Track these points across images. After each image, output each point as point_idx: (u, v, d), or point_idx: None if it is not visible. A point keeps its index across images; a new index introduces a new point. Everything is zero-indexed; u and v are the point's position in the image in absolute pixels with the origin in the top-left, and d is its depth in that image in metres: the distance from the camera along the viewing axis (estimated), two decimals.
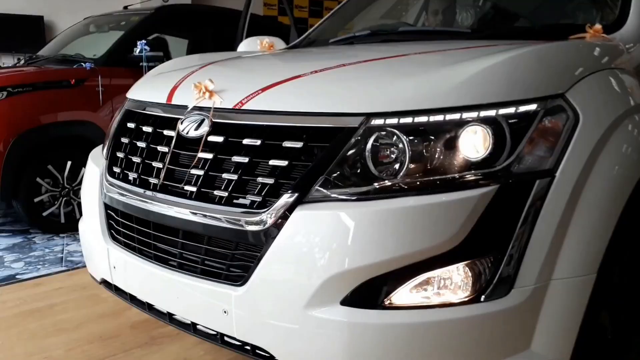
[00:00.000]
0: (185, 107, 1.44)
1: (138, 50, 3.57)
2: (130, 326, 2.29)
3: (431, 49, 1.58)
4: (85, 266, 3.04)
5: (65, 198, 3.59)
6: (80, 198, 3.61)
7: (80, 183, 3.60)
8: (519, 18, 2.19)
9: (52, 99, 3.39)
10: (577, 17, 2.06)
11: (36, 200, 3.47)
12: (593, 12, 2.07)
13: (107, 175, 1.63)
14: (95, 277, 1.75)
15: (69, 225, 3.60)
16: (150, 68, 3.63)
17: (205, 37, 4.39)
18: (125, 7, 4.64)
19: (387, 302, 1.14)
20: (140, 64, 3.66)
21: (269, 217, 1.22)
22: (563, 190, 1.17)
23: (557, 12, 2.10)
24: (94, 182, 1.70)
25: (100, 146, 1.87)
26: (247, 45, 2.50)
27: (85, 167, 3.66)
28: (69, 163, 3.53)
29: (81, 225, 1.83)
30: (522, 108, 1.18)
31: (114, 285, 1.62)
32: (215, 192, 1.32)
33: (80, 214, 3.65)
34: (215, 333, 1.34)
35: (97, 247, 1.65)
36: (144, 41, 3.56)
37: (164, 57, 3.78)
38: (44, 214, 3.53)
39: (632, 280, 1.62)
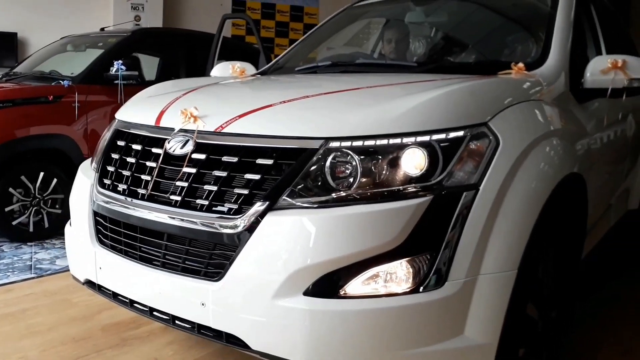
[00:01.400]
0: (172, 129, 1.65)
1: (114, 70, 3.74)
2: (101, 329, 2.42)
3: (380, 82, 1.84)
4: (54, 273, 3.18)
5: (35, 208, 3.69)
6: (50, 208, 3.74)
7: (51, 193, 3.73)
8: (459, 54, 2.51)
9: (30, 114, 3.54)
10: (512, 54, 2.38)
11: (7, 209, 3.57)
12: (524, 50, 2.39)
13: (98, 186, 1.81)
14: (78, 279, 1.91)
15: (37, 234, 3.72)
16: (125, 86, 3.82)
17: (177, 57, 4.60)
18: (102, 29, 4.80)
19: (342, 293, 1.36)
20: (115, 82, 3.84)
21: (243, 222, 1.43)
22: (486, 201, 1.41)
23: (493, 49, 2.43)
24: (84, 191, 1.87)
25: (89, 160, 2.05)
26: (220, 70, 2.72)
27: (56, 177, 3.78)
28: (41, 174, 3.65)
29: (68, 230, 1.99)
30: (452, 134, 1.44)
31: (98, 285, 1.79)
32: (197, 201, 1.53)
33: (49, 224, 3.77)
34: (193, 324, 1.53)
35: (84, 250, 1.81)
36: (120, 61, 3.74)
37: (139, 76, 3.98)
38: (13, 222, 3.62)
39: (558, 278, 1.89)
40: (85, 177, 1.94)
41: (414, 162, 1.40)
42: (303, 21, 8.47)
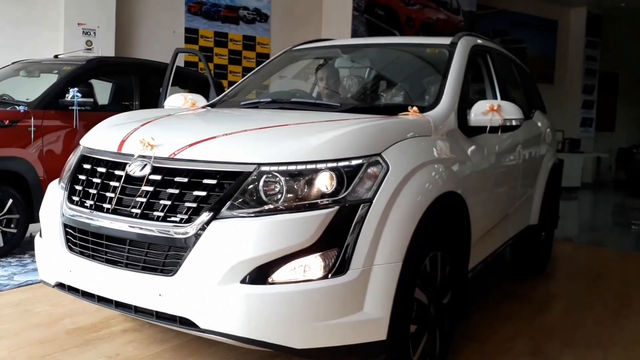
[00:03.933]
0: (132, 155, 2.04)
1: (70, 96, 4.03)
2: (65, 332, 2.69)
3: (305, 119, 2.30)
4: (12, 288, 3.40)
5: None
6: (5, 227, 3.94)
7: (6, 213, 3.92)
8: (372, 97, 3.06)
9: None
10: (415, 98, 2.91)
11: None
12: (425, 94, 2.93)
13: (67, 202, 2.16)
14: (49, 282, 2.23)
15: None
16: (80, 111, 4.11)
17: (130, 84, 4.92)
18: (56, 56, 5.04)
19: (271, 280, 1.77)
20: (70, 107, 4.12)
21: (192, 229, 1.84)
22: (377, 211, 1.87)
23: (400, 94, 2.98)
24: (54, 207, 2.21)
25: (56, 180, 2.39)
26: (174, 100, 3.11)
27: (12, 198, 3.98)
28: None
29: (38, 241, 2.31)
30: (354, 162, 1.90)
31: (68, 286, 2.12)
32: (154, 213, 1.92)
33: (5, 243, 3.97)
34: (152, 311, 1.90)
35: (55, 257, 2.15)
36: (76, 88, 4.04)
37: (93, 103, 4.28)
38: None
39: (447, 275, 2.34)
40: (55, 194, 2.28)
41: (325, 182, 1.86)
42: (255, 50, 8.83)
